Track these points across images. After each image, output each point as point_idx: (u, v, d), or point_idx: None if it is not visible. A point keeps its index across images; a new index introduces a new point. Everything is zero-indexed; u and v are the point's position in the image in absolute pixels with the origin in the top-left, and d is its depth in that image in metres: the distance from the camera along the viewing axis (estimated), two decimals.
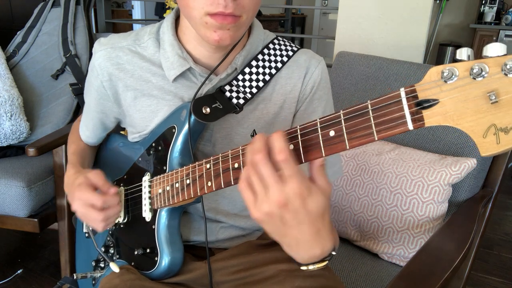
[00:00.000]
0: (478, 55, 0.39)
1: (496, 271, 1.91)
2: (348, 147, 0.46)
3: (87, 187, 0.72)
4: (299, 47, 0.80)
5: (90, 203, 0.72)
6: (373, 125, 0.44)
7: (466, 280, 1.20)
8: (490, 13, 4.00)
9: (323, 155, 0.49)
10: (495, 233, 2.23)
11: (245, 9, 0.61)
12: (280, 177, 0.48)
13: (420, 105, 0.41)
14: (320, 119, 0.49)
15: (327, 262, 0.57)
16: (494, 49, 0.38)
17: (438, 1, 3.71)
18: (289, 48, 0.78)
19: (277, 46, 0.78)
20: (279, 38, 0.80)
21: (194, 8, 0.61)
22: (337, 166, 0.83)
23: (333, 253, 0.57)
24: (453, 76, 0.39)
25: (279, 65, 0.76)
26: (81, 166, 0.85)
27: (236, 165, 0.57)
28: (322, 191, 0.50)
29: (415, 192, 1.13)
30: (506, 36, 3.90)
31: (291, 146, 0.51)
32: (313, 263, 0.56)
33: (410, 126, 0.42)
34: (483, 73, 0.37)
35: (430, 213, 1.12)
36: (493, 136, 0.37)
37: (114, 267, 0.77)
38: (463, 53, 0.40)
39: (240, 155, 0.57)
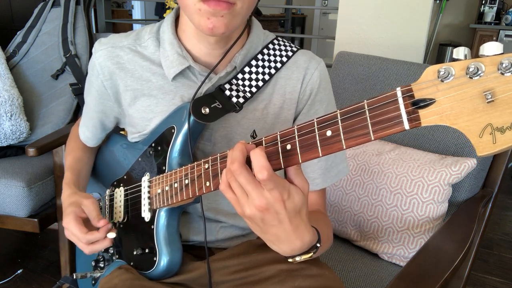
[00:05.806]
0: (476, 55, 0.39)
1: (496, 271, 1.91)
2: (345, 147, 0.47)
3: (75, 220, 0.74)
4: (298, 47, 0.79)
5: (76, 236, 0.73)
6: (369, 125, 0.44)
7: (466, 280, 1.20)
8: (490, 13, 4.00)
9: (320, 155, 0.49)
10: (495, 233, 2.23)
11: None
12: (258, 183, 0.51)
13: (416, 104, 0.41)
14: (317, 119, 0.49)
15: (312, 253, 0.60)
16: (490, 48, 0.38)
17: (438, 1, 3.70)
18: (288, 48, 0.78)
19: (276, 47, 0.78)
20: (278, 38, 0.80)
21: None
22: (342, 165, 0.82)
23: (318, 244, 0.60)
24: (450, 76, 0.39)
25: (279, 65, 0.76)
26: (75, 185, 0.84)
27: None
28: (301, 190, 0.54)
29: (415, 192, 1.13)
30: (506, 36, 3.90)
31: (288, 146, 0.52)
32: (299, 255, 0.59)
33: (406, 126, 0.42)
34: (479, 72, 0.37)
35: (430, 213, 1.11)
36: (490, 135, 0.37)
37: (111, 234, 0.75)
38: (460, 52, 0.40)
39: None
